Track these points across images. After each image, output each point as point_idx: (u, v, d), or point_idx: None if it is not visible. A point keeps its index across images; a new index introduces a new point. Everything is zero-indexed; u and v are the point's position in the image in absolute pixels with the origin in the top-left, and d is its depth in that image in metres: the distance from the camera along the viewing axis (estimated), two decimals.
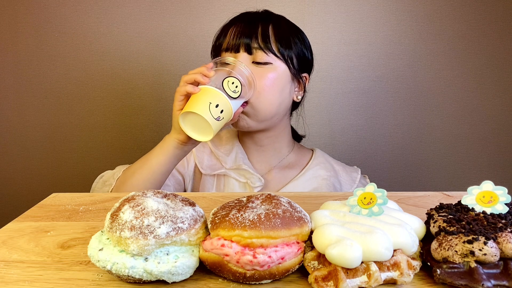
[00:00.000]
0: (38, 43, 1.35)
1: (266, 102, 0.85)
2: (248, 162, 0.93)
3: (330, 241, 0.41)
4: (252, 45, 0.83)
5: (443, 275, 0.40)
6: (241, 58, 0.83)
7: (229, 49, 0.85)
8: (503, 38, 1.33)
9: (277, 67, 0.85)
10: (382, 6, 1.32)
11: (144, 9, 1.32)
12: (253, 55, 0.84)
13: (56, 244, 0.53)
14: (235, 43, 0.84)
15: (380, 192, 0.47)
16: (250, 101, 0.83)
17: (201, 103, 0.74)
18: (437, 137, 1.40)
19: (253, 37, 0.83)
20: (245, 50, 0.84)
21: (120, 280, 0.44)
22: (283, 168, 0.95)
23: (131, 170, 0.84)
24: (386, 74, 1.36)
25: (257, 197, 0.47)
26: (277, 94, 0.86)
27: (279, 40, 0.85)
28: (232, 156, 0.94)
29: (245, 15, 0.89)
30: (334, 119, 1.39)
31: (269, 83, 0.84)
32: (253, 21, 0.86)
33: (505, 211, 0.45)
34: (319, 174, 0.93)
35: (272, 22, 0.86)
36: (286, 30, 0.87)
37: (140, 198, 0.45)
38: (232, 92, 0.77)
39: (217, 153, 0.95)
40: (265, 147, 0.94)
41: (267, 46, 0.83)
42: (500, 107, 1.37)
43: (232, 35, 0.85)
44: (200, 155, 0.96)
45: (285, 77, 0.86)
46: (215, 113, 0.74)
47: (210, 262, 0.43)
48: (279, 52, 0.84)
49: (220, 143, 0.98)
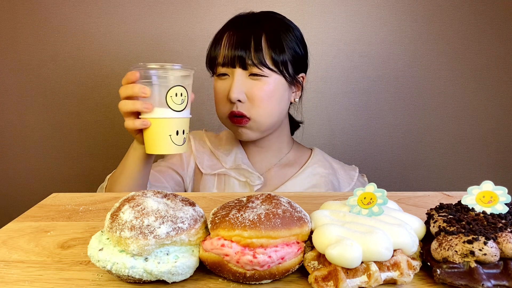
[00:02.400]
0: (38, 43, 1.35)
1: (266, 114, 0.86)
2: (247, 162, 0.94)
3: (330, 241, 0.41)
4: (247, 61, 0.83)
5: (443, 275, 0.40)
6: (237, 73, 0.84)
7: (225, 64, 0.85)
8: (503, 38, 1.33)
9: (274, 79, 0.85)
10: (382, 6, 1.32)
11: (144, 9, 1.33)
12: (247, 70, 0.84)
13: (56, 244, 0.53)
14: (230, 56, 0.83)
15: (380, 192, 0.47)
16: (251, 116, 0.85)
17: (161, 139, 0.70)
18: (437, 137, 1.40)
19: (247, 51, 0.83)
20: (240, 66, 0.84)
21: (120, 280, 0.44)
22: (282, 167, 0.95)
23: (113, 178, 0.84)
24: (386, 74, 1.36)
25: (257, 197, 0.47)
26: (276, 104, 0.87)
27: (273, 48, 0.85)
28: (232, 156, 0.94)
29: (236, 22, 0.88)
30: (334, 119, 1.39)
31: (267, 96, 0.85)
32: (246, 31, 0.85)
33: (505, 211, 0.45)
34: (317, 172, 0.94)
35: (264, 30, 0.85)
36: (278, 34, 0.87)
37: (140, 198, 0.45)
38: (179, 105, 0.70)
39: (217, 153, 0.96)
40: (265, 148, 0.95)
41: (261, 61, 0.83)
42: (500, 107, 1.37)
43: (226, 48, 0.85)
44: (200, 155, 0.96)
45: (282, 86, 0.87)
46: (178, 140, 0.70)
47: (210, 262, 0.43)
48: (273, 63, 0.84)
49: (220, 143, 0.98)
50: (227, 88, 0.85)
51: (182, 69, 0.71)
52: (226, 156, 0.95)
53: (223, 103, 0.87)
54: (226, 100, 0.86)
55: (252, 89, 0.84)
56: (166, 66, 0.70)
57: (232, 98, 0.83)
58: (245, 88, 0.84)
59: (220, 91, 0.87)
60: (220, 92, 0.87)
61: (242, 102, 0.84)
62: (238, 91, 0.83)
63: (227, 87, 0.85)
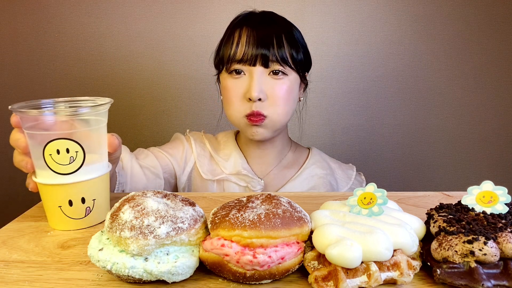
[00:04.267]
0: (38, 43, 1.35)
1: (284, 112, 0.84)
2: (247, 167, 0.92)
3: (330, 241, 0.41)
4: (270, 58, 0.80)
5: (443, 275, 0.40)
6: (258, 70, 0.81)
7: (244, 60, 0.81)
8: (503, 38, 1.33)
9: (291, 77, 0.84)
10: (382, 6, 1.32)
11: (144, 9, 1.33)
12: (269, 68, 0.82)
13: (56, 244, 0.53)
14: (252, 54, 0.80)
15: (380, 192, 0.47)
16: (268, 114, 0.83)
17: (49, 211, 0.55)
18: (437, 137, 1.40)
19: (270, 48, 0.80)
20: (261, 64, 0.81)
21: (120, 280, 0.44)
22: (282, 169, 0.95)
23: None
24: (386, 74, 1.36)
25: (257, 197, 0.47)
26: (291, 103, 0.86)
27: (292, 46, 0.84)
28: (231, 161, 0.93)
29: (249, 19, 0.86)
30: (334, 119, 1.39)
31: (286, 95, 0.83)
32: (265, 28, 0.83)
33: (505, 211, 0.45)
34: (315, 173, 0.94)
35: (282, 26, 0.85)
36: (292, 32, 0.86)
37: (140, 198, 0.45)
38: (65, 166, 0.52)
39: (216, 158, 0.94)
40: (268, 150, 0.94)
41: (284, 58, 0.82)
42: (500, 107, 1.37)
43: (247, 44, 0.81)
44: (201, 159, 0.94)
45: (296, 85, 0.87)
46: (74, 212, 0.54)
47: (210, 262, 0.43)
48: (293, 61, 0.84)
49: (219, 147, 0.97)
50: (244, 86, 0.82)
51: (70, 111, 0.52)
52: (226, 162, 0.93)
53: (238, 102, 0.83)
54: (242, 99, 0.83)
55: (273, 88, 0.82)
56: (45, 106, 0.53)
57: (253, 97, 0.80)
58: (265, 87, 0.82)
59: (235, 89, 0.83)
60: (235, 90, 0.83)
61: (261, 101, 0.82)
62: (260, 90, 0.81)
63: (244, 85, 0.82)
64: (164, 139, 1.40)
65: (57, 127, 0.51)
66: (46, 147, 0.51)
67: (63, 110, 0.55)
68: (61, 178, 0.52)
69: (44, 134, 0.51)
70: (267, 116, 0.83)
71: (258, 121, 0.83)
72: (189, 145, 0.95)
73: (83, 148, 0.52)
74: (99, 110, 0.55)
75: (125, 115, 1.37)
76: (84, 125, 0.54)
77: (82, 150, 0.52)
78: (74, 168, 0.52)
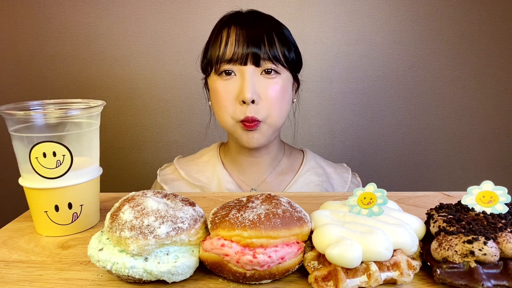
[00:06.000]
0: (38, 43, 1.35)
1: (279, 115, 0.80)
2: (232, 183, 0.87)
3: (330, 241, 0.41)
4: (262, 56, 0.76)
5: (443, 275, 0.40)
6: (249, 70, 0.77)
7: (234, 60, 0.77)
8: (503, 38, 1.33)
9: (284, 76, 0.81)
10: (382, 6, 1.32)
11: (144, 9, 1.33)
12: (260, 67, 0.78)
13: (56, 244, 0.53)
14: (242, 53, 0.76)
15: (380, 192, 0.47)
16: (263, 118, 0.79)
17: (35, 215, 0.54)
18: (437, 137, 1.40)
19: (261, 47, 0.77)
20: (253, 63, 0.77)
21: (120, 280, 0.44)
22: (276, 175, 0.90)
23: None
24: (386, 74, 1.36)
25: (257, 197, 0.47)
26: (286, 104, 0.82)
27: (283, 44, 0.80)
28: (215, 181, 0.87)
29: (237, 18, 0.82)
30: (334, 119, 1.39)
31: (280, 95, 0.79)
32: (255, 27, 0.80)
33: (505, 211, 0.45)
34: (311, 180, 0.89)
35: (271, 25, 0.81)
36: (282, 31, 0.83)
37: (140, 198, 0.45)
38: (51, 170, 0.51)
39: (198, 184, 0.87)
40: (262, 157, 0.89)
41: (276, 56, 0.78)
42: (500, 107, 1.37)
43: (237, 43, 0.77)
44: (182, 189, 0.87)
45: (289, 84, 0.83)
46: (61, 218, 0.53)
47: (210, 262, 0.43)
48: (285, 59, 0.80)
49: (197, 168, 0.90)
50: (236, 88, 0.78)
51: (59, 113, 0.51)
52: (210, 184, 0.87)
53: (230, 106, 0.79)
54: (235, 102, 0.78)
55: (266, 88, 0.78)
56: (33, 108, 0.52)
57: (247, 98, 0.76)
58: (257, 87, 0.78)
59: (226, 92, 0.79)
60: (226, 92, 0.79)
61: (255, 104, 0.77)
62: (253, 90, 0.76)
63: (235, 87, 0.78)
64: (164, 139, 1.40)
65: (44, 130, 0.50)
66: (32, 150, 0.50)
67: (51, 112, 0.54)
68: (47, 182, 0.51)
69: (30, 136, 0.50)
70: (262, 121, 0.79)
71: (253, 127, 0.78)
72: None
73: (71, 152, 0.51)
74: (91, 113, 0.54)
75: (125, 115, 1.37)
76: (75, 127, 0.52)
77: (69, 154, 0.51)
78: (61, 172, 0.51)
